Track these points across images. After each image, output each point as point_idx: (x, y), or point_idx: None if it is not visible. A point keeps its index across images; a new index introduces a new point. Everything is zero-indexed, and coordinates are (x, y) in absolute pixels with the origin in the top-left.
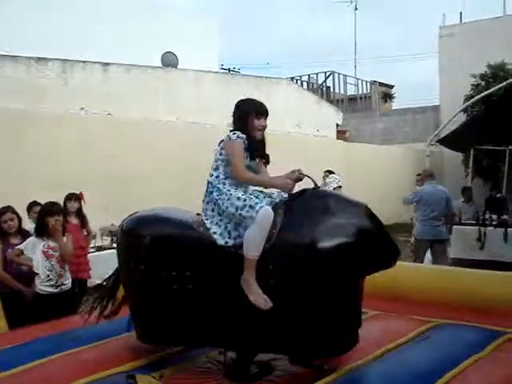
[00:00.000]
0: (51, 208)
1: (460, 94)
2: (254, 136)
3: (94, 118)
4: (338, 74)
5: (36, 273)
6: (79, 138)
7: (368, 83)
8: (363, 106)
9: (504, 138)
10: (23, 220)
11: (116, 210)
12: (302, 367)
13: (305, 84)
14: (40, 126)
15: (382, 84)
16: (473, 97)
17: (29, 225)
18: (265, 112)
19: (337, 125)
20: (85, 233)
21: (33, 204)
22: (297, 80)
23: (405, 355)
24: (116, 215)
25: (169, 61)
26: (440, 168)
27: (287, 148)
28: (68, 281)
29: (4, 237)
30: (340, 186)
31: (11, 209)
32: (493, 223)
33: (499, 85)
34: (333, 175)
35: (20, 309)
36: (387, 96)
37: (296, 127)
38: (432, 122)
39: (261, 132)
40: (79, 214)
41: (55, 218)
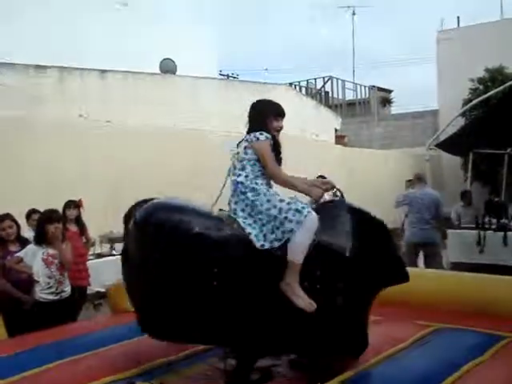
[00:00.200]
0: (51, 215)
1: (458, 98)
2: (273, 137)
3: (93, 125)
4: (337, 79)
5: (36, 280)
6: (77, 145)
7: (366, 88)
8: (362, 111)
9: (503, 142)
10: (22, 227)
11: (115, 218)
12: (303, 373)
13: (303, 89)
14: (38, 134)
15: (381, 89)
16: (471, 101)
17: (28, 232)
18: (282, 113)
19: (335, 130)
20: (84, 240)
21: (32, 211)
22: (295, 85)
23: (404, 360)
24: (115, 222)
25: (167, 67)
26: (439, 172)
27: (286, 153)
28: (68, 288)
29: (3, 244)
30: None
31: (10, 216)
32: (492, 227)
33: (497, 88)
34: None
35: (19, 316)
36: (386, 101)
37: (295, 132)
38: (431, 127)
39: (278, 133)
40: (78, 222)
41: (55, 226)
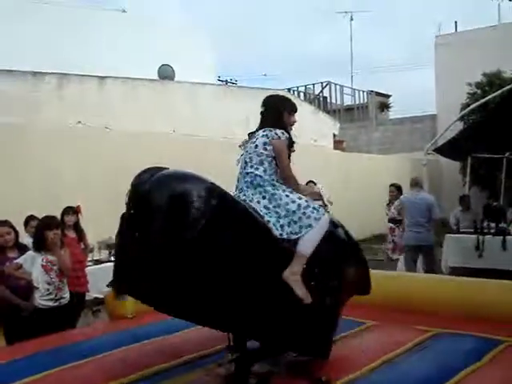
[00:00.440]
0: (49, 222)
1: (456, 103)
2: (288, 133)
3: (91, 132)
4: (335, 85)
5: (36, 287)
6: (76, 152)
7: (365, 93)
8: (360, 116)
9: (501, 146)
10: (20, 234)
11: (114, 224)
12: (301, 378)
13: (302, 95)
14: (37, 140)
15: (379, 94)
16: (469, 105)
17: (26, 239)
18: (296, 109)
19: (334, 135)
20: (82, 246)
21: (30, 218)
22: (294, 91)
23: (403, 365)
24: (114, 229)
25: (165, 73)
26: (438, 177)
27: None
28: (67, 294)
29: (1, 251)
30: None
31: (8, 223)
32: (491, 231)
33: (495, 93)
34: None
35: (18, 323)
36: (384, 106)
37: (293, 137)
38: (429, 131)
39: (291, 128)
40: (76, 228)
41: (54, 232)
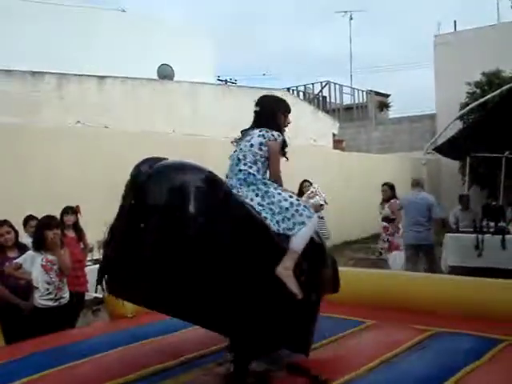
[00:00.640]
0: (49, 221)
1: (456, 102)
2: (283, 134)
3: (91, 131)
4: (334, 84)
5: (35, 286)
6: (75, 152)
7: (364, 92)
8: (359, 116)
9: (500, 146)
10: (20, 234)
11: None
12: (300, 377)
13: (301, 94)
14: (36, 140)
15: (378, 93)
16: (468, 104)
17: (25, 239)
18: (290, 109)
19: (333, 134)
20: (82, 246)
21: (29, 218)
22: (293, 90)
23: (402, 364)
24: None
25: (165, 73)
26: (437, 176)
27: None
28: (66, 294)
29: (1, 250)
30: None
31: (8, 222)
32: (490, 230)
33: (494, 92)
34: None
35: (18, 323)
36: (383, 105)
37: (292, 137)
38: (429, 131)
39: (285, 129)
40: (76, 228)
41: (53, 232)
